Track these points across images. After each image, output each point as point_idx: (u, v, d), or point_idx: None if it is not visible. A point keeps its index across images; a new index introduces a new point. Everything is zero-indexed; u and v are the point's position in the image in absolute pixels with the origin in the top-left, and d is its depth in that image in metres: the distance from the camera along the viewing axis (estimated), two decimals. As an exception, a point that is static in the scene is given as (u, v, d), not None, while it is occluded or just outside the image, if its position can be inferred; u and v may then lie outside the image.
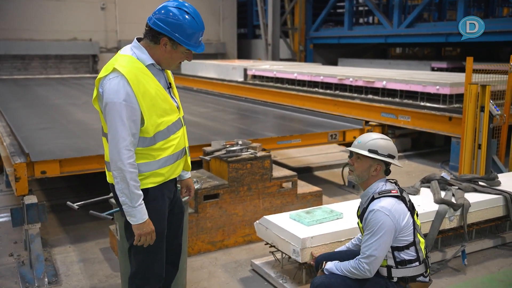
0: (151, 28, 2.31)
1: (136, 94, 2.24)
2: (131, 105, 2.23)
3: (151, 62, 2.34)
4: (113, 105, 2.21)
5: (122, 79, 2.23)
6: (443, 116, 6.71)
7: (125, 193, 2.26)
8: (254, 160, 4.19)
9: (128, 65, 2.27)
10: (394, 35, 13.17)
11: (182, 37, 2.29)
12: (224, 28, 21.22)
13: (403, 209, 2.57)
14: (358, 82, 8.55)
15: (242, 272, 3.74)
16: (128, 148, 2.24)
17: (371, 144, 2.63)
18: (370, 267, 2.49)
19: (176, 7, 2.29)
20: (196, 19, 2.33)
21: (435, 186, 3.97)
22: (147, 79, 2.30)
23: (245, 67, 11.97)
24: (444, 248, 3.84)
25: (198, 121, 6.47)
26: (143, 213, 2.31)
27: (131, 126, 2.24)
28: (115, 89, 2.22)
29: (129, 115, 2.23)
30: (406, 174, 6.69)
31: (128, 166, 2.24)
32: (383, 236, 2.47)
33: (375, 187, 2.63)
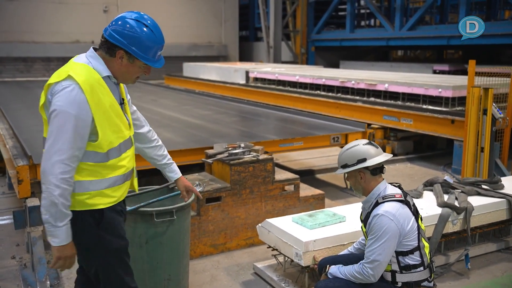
0: (107, 39, 2.16)
1: (91, 106, 2.09)
2: (82, 118, 2.06)
3: (108, 74, 2.20)
4: (62, 114, 2.04)
5: (76, 88, 2.06)
6: (445, 119, 6.70)
7: (51, 211, 2.05)
8: (257, 163, 4.19)
9: (84, 74, 2.11)
10: (395, 38, 13.18)
11: (139, 50, 2.16)
12: (226, 30, 21.25)
13: (408, 213, 2.56)
14: (360, 84, 8.54)
15: (244, 276, 3.73)
16: (65, 163, 2.04)
17: (341, 160, 2.70)
18: (374, 272, 2.48)
19: (134, 19, 2.16)
20: (155, 32, 2.20)
21: (438, 190, 3.95)
22: (103, 91, 2.15)
23: (247, 70, 11.98)
24: (447, 251, 3.83)
25: (200, 123, 6.47)
26: (67, 234, 2.12)
27: (76, 139, 2.06)
28: (68, 98, 2.04)
29: (77, 128, 2.06)
30: (408, 177, 6.67)
31: (61, 182, 2.04)
32: (387, 241, 2.46)
33: (377, 191, 2.62)
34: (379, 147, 2.71)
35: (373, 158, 2.61)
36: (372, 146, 2.67)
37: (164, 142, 5.14)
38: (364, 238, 2.78)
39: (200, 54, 20.01)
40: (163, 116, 7.06)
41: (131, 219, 3.11)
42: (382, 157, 2.63)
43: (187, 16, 20.31)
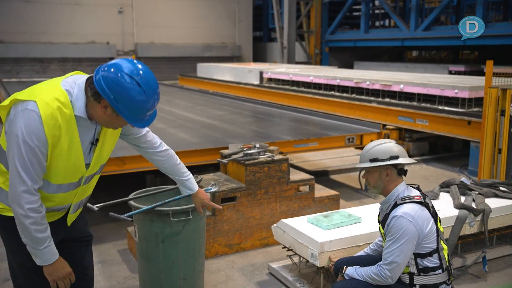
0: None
1: (48, 140, 1.96)
2: (40, 150, 1.96)
3: (82, 115, 2.01)
4: (23, 144, 1.93)
5: (38, 120, 1.92)
6: (461, 120, 6.63)
7: (27, 235, 2.04)
8: (272, 163, 4.19)
9: (52, 104, 1.94)
10: (411, 38, 13.08)
11: (126, 110, 1.97)
12: (240, 31, 21.29)
13: (427, 215, 2.54)
14: (375, 85, 8.49)
15: (259, 276, 3.73)
16: (31, 193, 1.99)
17: (371, 154, 2.64)
18: (392, 274, 2.47)
19: (128, 75, 1.94)
20: (147, 94, 1.97)
21: (454, 191, 3.91)
22: (67, 129, 1.99)
23: (261, 70, 11.99)
24: (464, 254, 3.78)
25: (214, 123, 6.49)
26: (51, 254, 2.10)
27: (37, 170, 1.98)
28: (28, 126, 1.92)
29: (37, 159, 1.97)
30: (424, 178, 6.62)
31: (28, 211, 1.99)
32: (405, 243, 2.44)
33: (396, 193, 2.60)
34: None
35: (404, 158, 2.62)
36: (401, 146, 2.70)
37: (179, 142, 5.21)
38: (382, 239, 2.77)
39: (214, 55, 20.08)
40: (178, 117, 7.10)
41: (147, 218, 3.14)
42: (409, 160, 2.65)
43: (201, 17, 20.39)
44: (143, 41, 19.40)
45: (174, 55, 19.89)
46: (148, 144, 2.48)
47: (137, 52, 19.28)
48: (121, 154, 4.33)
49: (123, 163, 4.32)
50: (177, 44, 19.95)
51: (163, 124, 6.41)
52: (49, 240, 2.09)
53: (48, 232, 2.08)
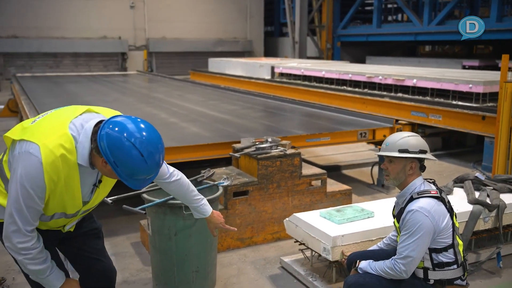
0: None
1: (47, 188, 1.94)
2: (37, 194, 1.93)
3: (84, 164, 1.99)
4: (21, 188, 1.91)
5: (39, 165, 1.89)
6: (476, 115, 6.56)
7: (25, 269, 2.06)
8: (284, 157, 4.18)
9: (56, 152, 1.90)
10: (424, 33, 12.96)
11: (124, 174, 1.93)
12: (251, 26, 21.26)
13: (443, 210, 2.52)
14: (388, 80, 8.43)
15: (271, 269, 3.73)
16: (21, 233, 1.96)
17: (400, 144, 2.58)
18: (406, 268, 2.45)
19: (132, 143, 1.88)
20: (148, 162, 1.92)
21: (469, 186, 3.88)
22: (68, 176, 1.97)
23: (273, 65, 11.96)
24: (478, 249, 3.75)
25: (226, 118, 6.50)
26: (57, 278, 2.11)
27: (33, 214, 1.97)
28: (29, 171, 1.89)
29: (34, 204, 1.95)
30: (437, 174, 6.56)
31: (20, 250, 1.98)
32: (421, 237, 2.42)
33: (413, 187, 2.58)
34: None
35: (429, 155, 2.60)
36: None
37: (191, 136, 5.21)
38: (396, 233, 2.75)
39: (225, 50, 20.09)
40: (190, 111, 7.11)
41: (160, 211, 3.16)
42: (432, 156, 2.64)
43: (213, 12, 20.40)
44: (155, 36, 19.47)
45: (186, 50, 19.94)
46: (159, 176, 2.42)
47: (148, 47, 19.36)
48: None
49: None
50: (188, 39, 19.98)
51: (176, 118, 6.43)
52: (50, 269, 2.08)
53: (48, 263, 2.07)
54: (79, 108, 2.10)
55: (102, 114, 2.09)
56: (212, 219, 2.73)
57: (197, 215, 2.72)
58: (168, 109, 7.34)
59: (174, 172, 2.51)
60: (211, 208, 2.73)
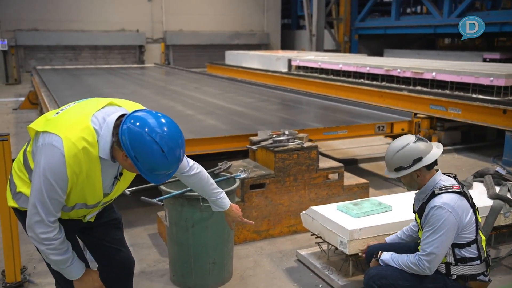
0: None
1: (69, 180, 1.95)
2: (60, 187, 1.95)
3: (105, 157, 2.00)
4: (43, 179, 1.93)
5: (61, 158, 1.90)
6: (497, 108, 6.45)
7: (47, 258, 2.08)
8: (301, 150, 4.17)
9: (79, 145, 1.92)
10: (444, 25, 12.75)
11: (144, 169, 1.94)
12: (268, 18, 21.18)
13: (466, 205, 2.49)
14: (406, 73, 8.33)
15: (287, 262, 3.74)
16: (44, 223, 1.98)
17: (394, 163, 2.58)
18: (430, 265, 2.44)
19: (153, 138, 1.88)
20: (169, 158, 1.92)
21: (489, 181, 3.82)
22: (90, 169, 1.99)
23: (290, 58, 11.90)
24: (498, 245, 3.70)
25: (243, 111, 6.50)
26: (76, 269, 2.13)
27: (55, 205, 1.99)
28: (51, 163, 1.91)
29: (56, 196, 1.97)
30: (456, 168, 6.48)
31: (44, 240, 2.01)
32: (445, 234, 2.41)
33: (433, 183, 2.56)
34: (426, 140, 2.62)
35: (428, 155, 2.54)
36: (422, 142, 2.58)
37: (208, 129, 5.23)
38: (416, 224, 2.73)
39: (242, 43, 20.07)
40: (207, 104, 7.13)
41: (178, 203, 3.18)
42: (437, 151, 2.56)
43: (230, 5, 20.37)
44: (172, 28, 19.53)
45: (203, 43, 19.98)
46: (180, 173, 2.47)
47: (166, 39, 19.44)
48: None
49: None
50: (205, 31, 20.00)
51: (192, 110, 6.45)
52: (71, 259, 2.10)
53: (69, 253, 2.10)
54: (101, 101, 2.11)
55: (124, 108, 2.10)
56: (230, 213, 2.75)
57: (215, 208, 2.73)
58: (185, 101, 7.37)
59: (194, 165, 2.52)
60: (229, 201, 2.74)
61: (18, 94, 13.96)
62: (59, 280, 2.29)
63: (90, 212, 2.27)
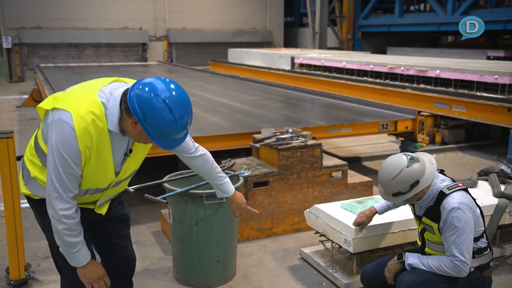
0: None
1: (82, 154, 1.97)
2: (74, 161, 1.97)
3: (114, 130, 2.01)
4: (57, 154, 1.96)
5: (72, 132, 1.93)
6: (501, 106, 6.42)
7: (59, 239, 2.08)
8: (305, 148, 4.15)
9: (87, 118, 1.94)
10: (447, 23, 12.70)
11: (154, 132, 1.94)
12: (271, 16, 21.14)
13: (472, 200, 2.55)
14: (410, 71, 8.30)
15: (291, 260, 3.73)
16: (63, 199, 2.01)
17: (392, 189, 2.56)
18: (466, 268, 2.46)
19: (161, 98, 1.90)
20: (177, 120, 1.93)
21: (494, 179, 3.80)
22: (100, 143, 2.00)
23: (292, 56, 11.88)
24: (503, 244, 3.68)
25: (246, 108, 6.49)
26: (83, 256, 2.13)
27: (70, 179, 2.00)
28: (62, 138, 1.94)
29: (72, 170, 1.99)
30: (460, 166, 6.46)
31: (62, 217, 2.02)
32: (469, 232, 2.45)
33: (435, 187, 2.57)
34: (418, 157, 2.57)
35: (424, 177, 2.51)
36: (415, 163, 2.52)
37: (211, 126, 5.22)
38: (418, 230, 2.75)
39: (245, 40, 20.04)
40: (210, 101, 7.12)
41: (181, 201, 3.18)
42: (432, 169, 2.53)
43: (233, 2, 20.34)
44: (175, 26, 19.51)
45: (205, 41, 19.96)
46: (181, 149, 2.46)
47: (169, 37, 19.43)
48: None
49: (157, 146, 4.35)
50: (208, 29, 19.98)
51: (196, 108, 6.41)
52: (81, 244, 2.11)
53: (81, 237, 2.11)
54: (107, 78, 2.15)
55: (130, 84, 2.11)
56: (235, 199, 2.76)
57: (220, 193, 2.72)
58: (188, 99, 7.36)
59: (199, 147, 2.54)
60: (233, 188, 2.74)
61: (21, 91, 13.99)
62: (66, 272, 2.28)
63: (102, 196, 2.27)
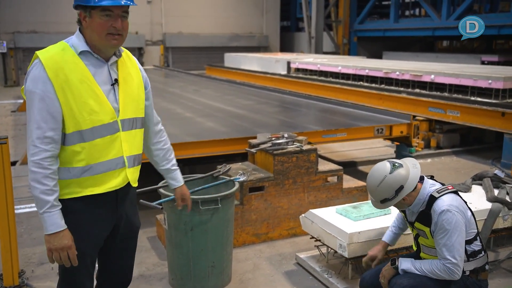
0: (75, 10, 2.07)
1: (53, 82, 1.95)
2: (47, 95, 1.94)
3: (84, 49, 2.04)
4: (28, 94, 1.96)
5: (40, 66, 1.96)
6: (495, 111, 6.46)
7: (33, 194, 1.96)
8: (300, 153, 4.17)
9: (52, 51, 2.01)
10: (442, 28, 12.79)
11: None
12: (267, 21, 21.19)
13: (463, 202, 2.56)
14: (405, 75, 8.35)
15: (286, 265, 3.73)
16: (34, 144, 1.92)
17: (378, 196, 2.60)
18: (458, 270, 2.46)
19: None
20: None
21: (487, 184, 3.82)
22: (73, 67, 1.99)
23: (289, 60, 11.92)
24: (497, 248, 3.70)
25: (242, 113, 6.50)
26: (51, 223, 1.95)
27: (47, 119, 1.93)
28: (32, 77, 1.96)
29: (45, 106, 1.94)
30: (455, 170, 6.49)
31: (32, 165, 1.92)
32: (460, 234, 2.45)
33: (424, 191, 2.58)
34: (401, 162, 2.60)
35: (408, 181, 2.54)
36: (398, 169, 2.55)
37: (207, 131, 5.23)
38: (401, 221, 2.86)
39: (241, 45, 20.07)
40: (205, 106, 7.13)
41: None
42: (415, 173, 2.56)
43: (229, 7, 20.38)
44: (171, 30, 19.53)
45: (202, 45, 19.98)
46: (151, 117, 2.38)
47: (165, 41, 19.43)
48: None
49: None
50: (204, 34, 20.01)
51: (191, 113, 6.45)
52: (49, 205, 1.94)
53: (49, 198, 1.94)
54: None
55: None
56: (182, 189, 2.63)
57: (172, 183, 2.58)
58: (184, 104, 7.37)
59: (160, 123, 2.48)
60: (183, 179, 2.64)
61: (16, 96, 13.95)
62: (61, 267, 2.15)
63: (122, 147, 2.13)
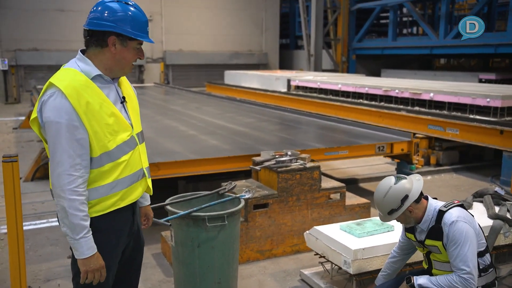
0: (94, 31, 2.08)
1: (77, 110, 1.99)
2: (72, 124, 1.98)
3: (97, 73, 2.10)
4: (52, 124, 1.97)
5: (60, 94, 1.97)
6: (494, 129, 6.55)
7: (66, 223, 2.01)
8: (304, 170, 4.23)
9: (67, 78, 2.03)
10: (440, 46, 12.97)
11: (133, 29, 2.08)
12: (267, 38, 21.43)
13: (470, 215, 2.62)
14: (404, 93, 8.46)
15: (291, 282, 3.77)
16: (68, 173, 1.97)
17: (385, 208, 2.66)
18: (475, 280, 2.49)
19: (115, 1, 2.08)
20: (138, 9, 2.13)
21: (488, 201, 3.88)
22: (91, 92, 2.04)
23: (289, 78, 12.05)
24: (498, 265, 3.74)
25: (244, 130, 6.57)
26: (88, 247, 2.04)
27: (75, 147, 1.99)
28: (54, 106, 1.97)
29: (71, 135, 1.98)
30: (455, 188, 6.55)
31: (68, 193, 1.97)
32: (472, 244, 2.49)
33: (431, 208, 2.64)
34: (405, 176, 2.70)
35: (412, 190, 2.61)
36: (402, 180, 2.65)
37: (211, 149, 5.30)
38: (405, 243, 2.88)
39: (241, 62, 20.27)
40: (208, 124, 7.21)
41: (184, 223, 3.23)
42: (419, 184, 2.64)
43: (229, 25, 20.62)
44: (172, 48, 19.73)
45: (202, 62, 20.17)
46: None
47: (165, 59, 19.61)
48: (156, 160, 4.45)
49: (157, 169, 4.43)
50: (204, 51, 20.21)
51: (195, 131, 6.53)
52: (86, 231, 2.03)
53: (87, 223, 2.03)
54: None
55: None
56: (147, 209, 2.60)
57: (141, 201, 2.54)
58: (187, 121, 7.45)
59: None
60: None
61: (18, 113, 14.03)
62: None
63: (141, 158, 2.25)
